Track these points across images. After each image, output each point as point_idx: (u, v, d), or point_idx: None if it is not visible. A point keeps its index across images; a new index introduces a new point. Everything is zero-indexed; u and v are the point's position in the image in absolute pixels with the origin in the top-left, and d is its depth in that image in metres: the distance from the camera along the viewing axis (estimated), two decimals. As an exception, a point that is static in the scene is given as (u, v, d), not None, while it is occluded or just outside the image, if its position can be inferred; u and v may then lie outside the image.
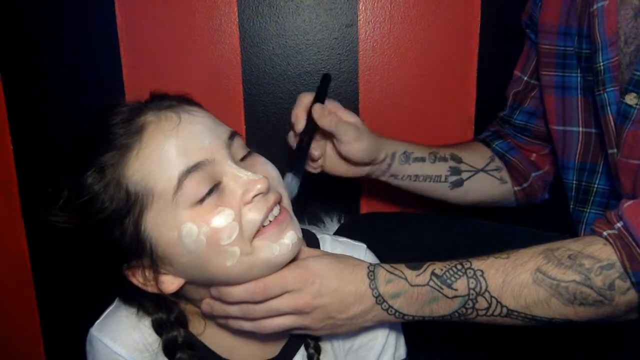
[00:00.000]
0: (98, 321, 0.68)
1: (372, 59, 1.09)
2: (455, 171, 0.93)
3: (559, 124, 0.86)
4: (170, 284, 0.61)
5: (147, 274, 0.60)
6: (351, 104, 1.11)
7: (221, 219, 0.57)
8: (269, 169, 0.64)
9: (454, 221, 1.01)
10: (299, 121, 0.81)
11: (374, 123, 1.12)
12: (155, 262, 0.59)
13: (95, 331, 0.67)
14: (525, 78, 0.96)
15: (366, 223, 1.00)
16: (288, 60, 1.09)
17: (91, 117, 0.61)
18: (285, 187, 0.67)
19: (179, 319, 0.66)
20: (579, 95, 0.83)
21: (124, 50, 1.06)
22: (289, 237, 0.60)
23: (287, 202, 0.64)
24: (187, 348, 0.65)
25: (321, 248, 0.72)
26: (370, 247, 0.76)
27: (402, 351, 0.74)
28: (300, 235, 0.62)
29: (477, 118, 1.12)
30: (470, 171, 0.94)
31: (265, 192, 0.59)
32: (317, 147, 0.84)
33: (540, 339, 0.83)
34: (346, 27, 1.07)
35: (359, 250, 0.73)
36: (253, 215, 0.58)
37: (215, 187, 0.58)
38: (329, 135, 0.84)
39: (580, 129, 0.84)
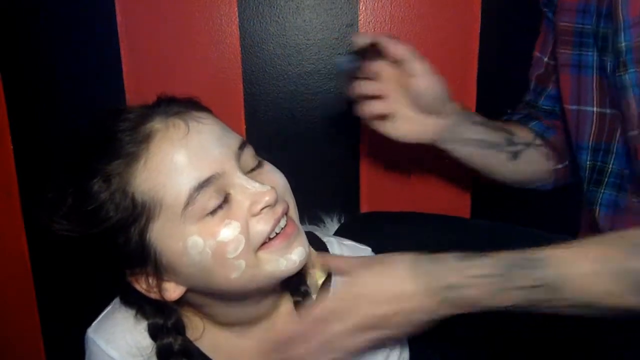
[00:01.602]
0: (94, 322, 0.68)
1: (372, 59, 1.09)
2: (510, 142, 0.90)
3: (574, 104, 0.84)
4: (173, 291, 0.60)
5: (150, 281, 0.60)
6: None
7: (228, 232, 0.56)
8: (277, 178, 0.63)
9: (454, 221, 1.01)
10: (362, 38, 0.77)
11: (374, 123, 1.12)
12: (159, 270, 0.59)
13: (91, 332, 0.67)
14: (545, 59, 0.93)
15: (366, 223, 1.00)
16: (288, 60, 1.09)
17: (96, 123, 0.61)
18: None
19: (176, 326, 0.65)
20: (595, 75, 0.80)
21: (124, 50, 1.06)
22: (297, 254, 0.60)
23: (293, 212, 0.63)
24: (182, 356, 0.65)
25: (329, 251, 0.72)
26: (371, 247, 0.76)
27: (405, 355, 0.74)
28: (308, 249, 0.62)
29: (477, 118, 1.11)
30: (523, 144, 0.91)
31: (273, 204, 0.58)
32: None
33: (542, 340, 0.83)
34: (346, 27, 1.07)
35: (365, 254, 0.73)
36: (260, 227, 0.58)
37: (224, 200, 0.57)
38: (396, 80, 0.79)
39: (595, 108, 0.81)
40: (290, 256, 0.59)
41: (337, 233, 0.98)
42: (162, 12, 1.05)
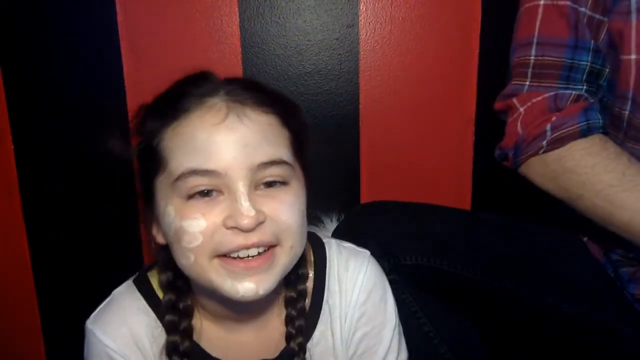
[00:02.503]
0: (93, 314, 0.68)
1: (372, 59, 1.09)
2: None
3: None
4: (160, 237, 0.64)
5: (150, 213, 0.65)
6: (352, 104, 1.11)
7: (191, 225, 0.57)
8: (283, 212, 0.59)
9: (461, 213, 0.99)
10: None
11: (375, 123, 1.12)
12: (153, 213, 0.63)
13: (90, 324, 0.67)
14: (585, 10, 0.71)
15: (372, 213, 0.98)
16: (289, 60, 1.09)
17: (192, 76, 0.64)
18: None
19: (187, 309, 0.67)
20: None
21: (125, 50, 1.06)
22: (246, 288, 0.58)
23: (283, 254, 0.60)
24: (186, 336, 0.66)
25: (327, 252, 0.72)
26: (381, 237, 0.76)
27: (403, 355, 0.74)
28: (264, 292, 0.59)
29: (477, 118, 1.12)
30: None
31: (247, 230, 0.56)
32: None
33: (542, 341, 0.83)
34: (347, 28, 1.08)
35: (363, 257, 0.72)
36: (223, 240, 0.57)
37: (214, 194, 0.58)
38: None
39: None
40: (236, 284, 0.58)
41: (343, 223, 0.97)
42: (163, 13, 1.05)
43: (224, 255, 0.58)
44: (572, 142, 0.72)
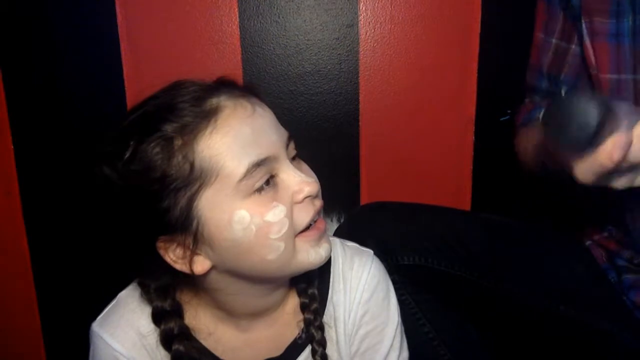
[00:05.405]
0: (99, 316, 0.68)
1: (372, 59, 1.09)
2: None
3: (613, 72, 0.82)
4: (200, 265, 0.60)
5: (180, 250, 0.60)
6: (351, 104, 1.11)
7: (275, 214, 0.58)
8: (314, 175, 0.65)
9: (461, 214, 1.00)
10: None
11: (375, 123, 1.12)
12: (196, 240, 0.59)
13: (96, 326, 0.67)
14: (554, 40, 0.91)
15: (372, 213, 0.99)
16: (289, 60, 1.09)
17: (160, 92, 0.61)
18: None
19: (176, 309, 0.66)
20: (630, 42, 0.80)
21: (124, 51, 1.06)
22: (325, 249, 0.63)
23: (321, 210, 0.65)
24: (184, 338, 0.65)
25: (332, 251, 0.73)
26: (380, 236, 0.77)
27: (405, 354, 0.74)
28: (332, 248, 0.65)
29: (477, 118, 1.12)
30: None
31: (315, 195, 0.61)
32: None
33: (541, 341, 0.83)
34: (347, 27, 1.08)
35: (367, 256, 0.73)
36: (302, 215, 0.61)
37: (271, 180, 0.60)
38: None
39: (637, 76, 0.80)
40: (319, 249, 0.62)
41: (344, 224, 0.97)
42: (163, 13, 1.05)
43: (300, 232, 0.61)
44: (520, 129, 0.97)
